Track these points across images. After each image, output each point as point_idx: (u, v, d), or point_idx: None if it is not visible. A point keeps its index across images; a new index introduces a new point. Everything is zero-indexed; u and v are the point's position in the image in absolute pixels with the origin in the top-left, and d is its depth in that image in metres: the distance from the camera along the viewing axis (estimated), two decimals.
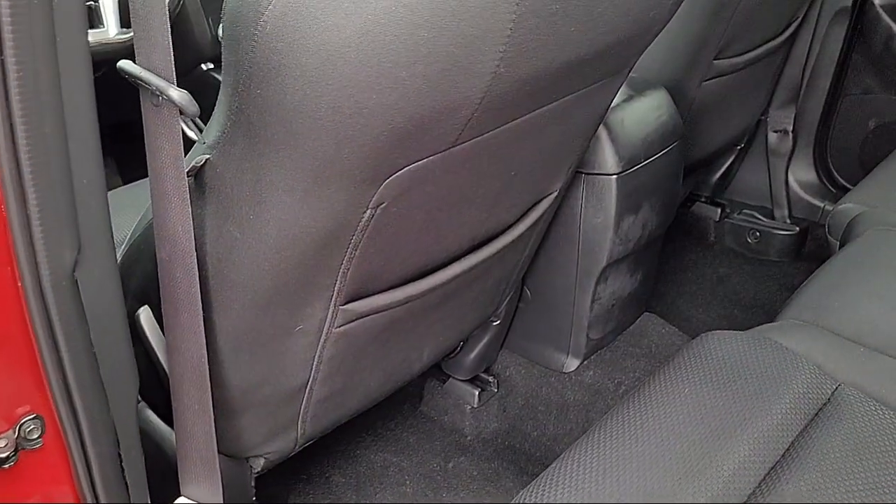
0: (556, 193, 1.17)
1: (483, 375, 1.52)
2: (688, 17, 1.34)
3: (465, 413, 1.50)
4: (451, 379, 1.51)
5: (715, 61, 1.50)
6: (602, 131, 1.28)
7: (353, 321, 0.90)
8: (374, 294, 0.91)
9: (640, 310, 1.58)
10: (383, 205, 0.77)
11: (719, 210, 2.10)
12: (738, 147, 2.02)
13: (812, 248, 2.05)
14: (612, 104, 1.19)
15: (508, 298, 1.36)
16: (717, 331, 1.07)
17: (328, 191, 0.71)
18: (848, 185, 2.02)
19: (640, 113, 1.34)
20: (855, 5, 1.82)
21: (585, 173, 1.30)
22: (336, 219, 0.75)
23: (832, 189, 2.03)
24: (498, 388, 1.53)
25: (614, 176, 1.29)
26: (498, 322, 1.40)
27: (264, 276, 0.78)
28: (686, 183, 1.87)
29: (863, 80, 1.92)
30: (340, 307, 0.87)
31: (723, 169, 2.05)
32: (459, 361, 1.46)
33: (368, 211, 0.77)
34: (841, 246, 1.39)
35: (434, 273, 0.99)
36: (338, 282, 0.83)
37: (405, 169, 0.75)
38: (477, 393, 1.48)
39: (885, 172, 1.48)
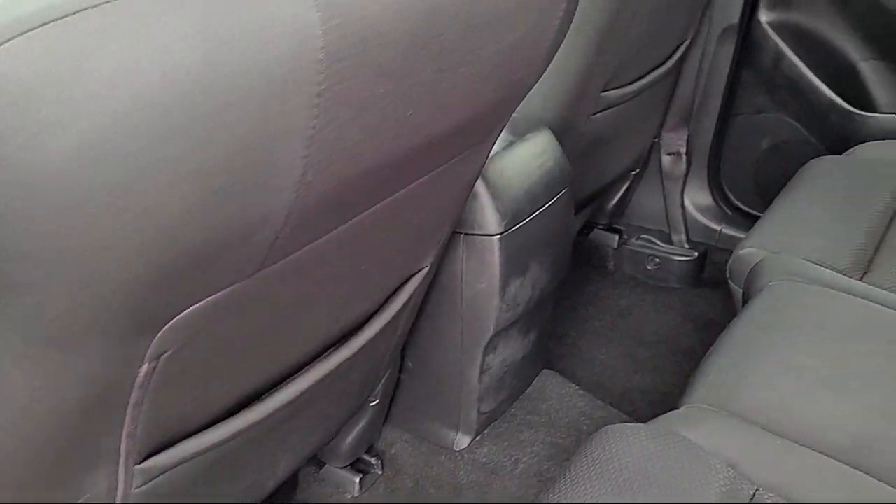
0: (427, 268, 1.00)
1: (365, 457, 1.34)
2: (571, 51, 1.20)
3: (347, 502, 1.32)
4: (327, 466, 1.32)
5: (603, 94, 1.37)
6: (480, 187, 1.12)
7: (158, 476, 0.70)
8: (183, 440, 0.71)
9: (537, 370, 1.44)
10: (167, 354, 0.58)
11: (617, 237, 2.00)
12: (634, 172, 1.91)
13: (710, 272, 1.97)
14: (491, 152, 1.03)
15: (386, 377, 1.19)
16: (619, 425, 0.94)
17: (73, 354, 0.52)
18: (742, 207, 1.95)
19: (523, 161, 1.19)
20: (742, 23, 1.74)
21: (465, 234, 1.14)
22: (98, 382, 0.55)
23: (727, 211, 1.96)
24: (383, 469, 1.35)
25: (496, 236, 1.13)
26: (377, 402, 1.23)
27: (14, 461, 0.57)
28: (582, 213, 1.75)
29: (754, 100, 1.85)
30: (136, 467, 0.67)
31: (619, 195, 1.94)
32: (334, 448, 1.27)
33: (146, 365, 0.58)
34: (744, 293, 1.28)
35: (272, 394, 0.80)
36: (124, 444, 0.63)
37: (191, 309, 0.56)
38: (358, 480, 1.30)
39: (781, 210, 1.39)
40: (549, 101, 1.27)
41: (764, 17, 1.75)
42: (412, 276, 0.98)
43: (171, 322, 0.55)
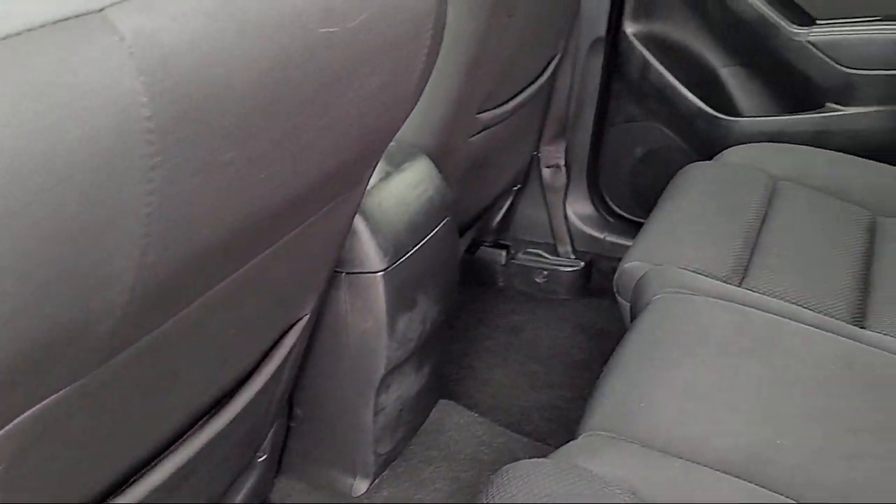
0: (308, 315, 0.94)
1: None
2: (442, 77, 1.16)
3: None
4: None
5: (479, 115, 1.35)
6: (359, 223, 1.07)
7: None
8: None
9: (433, 402, 1.40)
10: (2, 466, 0.50)
11: (504, 252, 1.99)
12: (516, 187, 1.91)
13: (597, 281, 2.00)
14: (368, 186, 0.98)
15: (274, 429, 1.12)
16: (520, 463, 0.90)
17: None
18: (623, 214, 1.99)
19: (401, 192, 1.15)
20: (609, 36, 1.77)
21: (346, 273, 1.09)
22: None
23: (609, 219, 1.99)
24: None
25: (380, 273, 1.08)
26: (265, 457, 1.15)
27: None
28: (468, 233, 1.73)
29: (625, 109, 1.88)
30: None
31: (503, 211, 1.94)
32: None
33: None
34: (632, 307, 1.29)
35: (144, 475, 0.72)
36: None
37: (25, 415, 0.49)
38: None
39: (661, 221, 1.40)
40: (424, 128, 1.23)
41: (629, 28, 1.79)
42: (292, 325, 0.92)
43: (2, 430, 0.47)
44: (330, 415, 1.20)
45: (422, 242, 1.15)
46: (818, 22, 1.67)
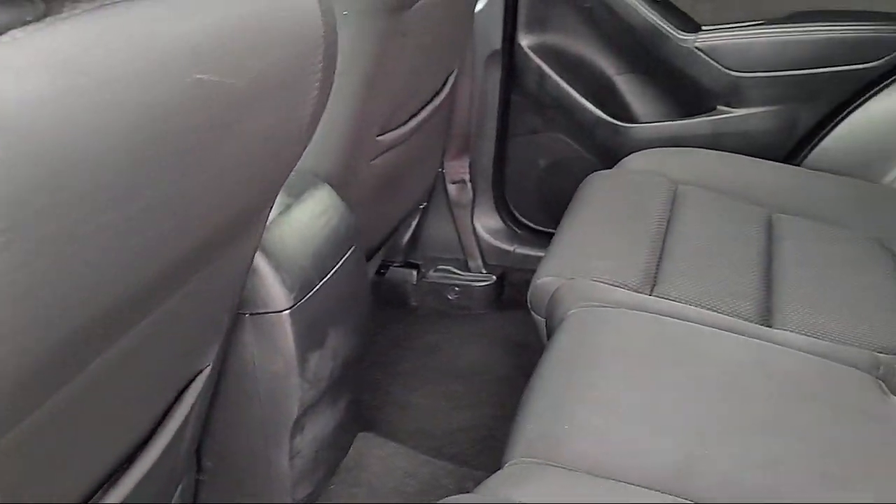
0: (211, 365, 0.88)
1: None
2: (339, 102, 1.11)
3: None
4: None
5: (380, 137, 1.31)
6: (260, 261, 1.01)
7: None
8: None
9: (353, 436, 1.34)
10: None
11: (415, 272, 1.96)
12: (422, 206, 1.88)
13: (510, 293, 1.99)
14: (267, 220, 0.93)
15: (181, 487, 1.04)
16: (448, 500, 0.87)
17: None
18: (531, 225, 1.99)
19: (304, 224, 1.09)
20: (504, 48, 1.76)
21: (250, 314, 1.03)
22: None
23: (517, 231, 1.99)
24: None
25: (286, 311, 1.03)
26: None
27: None
28: (376, 256, 1.69)
29: (526, 121, 1.88)
30: None
31: (411, 230, 1.90)
32: None
33: None
34: (547, 323, 1.27)
35: None
36: None
37: None
38: None
39: (569, 233, 1.40)
40: (323, 156, 1.18)
41: (524, 41, 1.79)
42: (194, 378, 0.86)
43: None
44: (242, 465, 1.13)
45: (329, 275, 1.10)
46: (703, 28, 1.72)
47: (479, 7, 1.67)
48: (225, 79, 0.44)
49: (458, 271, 1.98)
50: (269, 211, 0.77)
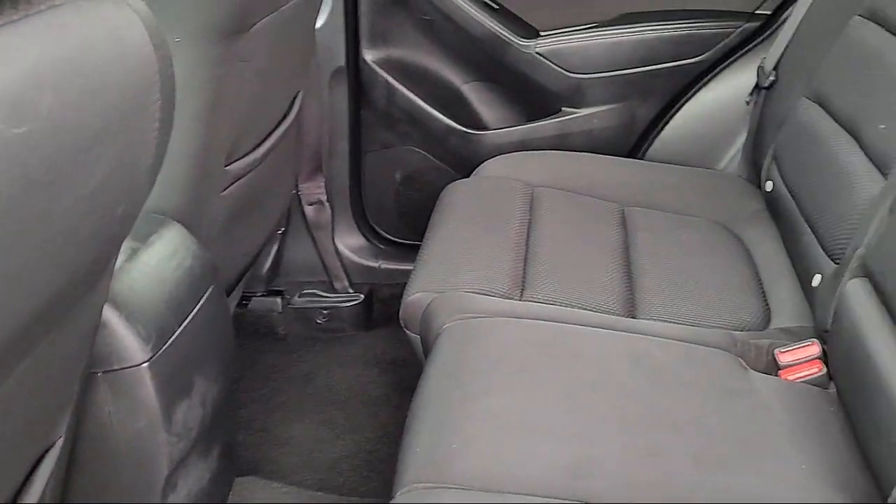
0: (63, 436, 0.79)
1: None
2: (182, 135, 1.03)
3: None
4: None
5: (228, 167, 1.24)
6: (110, 314, 0.92)
7: None
8: None
9: (230, 483, 1.27)
10: None
11: (279, 299, 1.89)
12: (280, 231, 1.81)
13: (379, 310, 1.96)
14: (116, 266, 0.85)
15: None
16: None
17: None
18: (394, 239, 1.97)
19: (155, 268, 1.02)
20: (349, 64, 1.74)
21: (103, 372, 0.94)
22: None
23: (381, 246, 1.97)
24: None
25: (144, 364, 0.95)
26: None
27: None
28: (237, 289, 1.61)
29: (378, 136, 1.87)
30: None
31: (271, 257, 1.83)
32: None
33: None
34: (422, 339, 1.26)
35: None
36: None
37: None
38: None
39: (435, 246, 1.39)
40: (169, 193, 1.11)
41: (368, 55, 1.77)
42: (45, 453, 0.77)
43: None
44: None
45: (188, 319, 1.03)
46: (542, 33, 1.77)
47: (319, 24, 1.63)
48: (49, 130, 0.38)
49: (325, 294, 1.93)
50: (115, 261, 0.70)
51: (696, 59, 1.73)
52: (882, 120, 1.17)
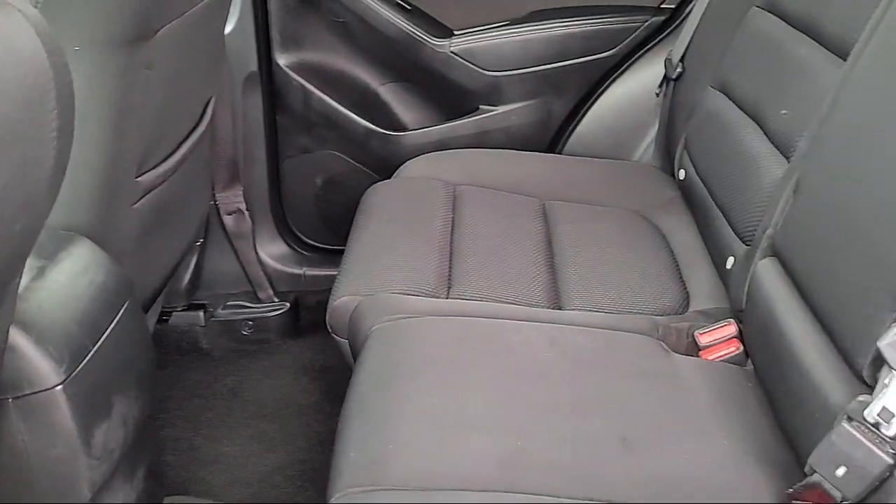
0: None
1: None
2: (87, 147, 1.00)
3: None
4: None
5: (139, 179, 1.20)
6: (17, 337, 0.88)
7: None
8: None
9: (159, 502, 1.22)
10: None
11: (202, 312, 1.84)
12: (199, 242, 1.76)
13: (306, 317, 1.93)
14: (19, 289, 0.81)
15: None
16: None
17: None
18: (317, 245, 1.95)
19: (64, 286, 0.97)
20: (262, 69, 1.70)
21: (13, 398, 0.89)
22: None
23: (305, 252, 1.94)
24: None
25: (58, 387, 0.91)
26: None
27: None
28: (155, 305, 1.56)
29: (296, 141, 1.84)
30: None
31: (190, 269, 1.78)
32: None
33: None
34: (350, 343, 1.25)
35: None
36: None
37: None
38: None
39: (359, 249, 1.38)
40: (76, 208, 1.06)
41: (281, 60, 1.74)
42: None
43: None
44: None
45: (103, 337, 0.99)
46: (456, 33, 1.78)
47: (228, 29, 1.59)
48: None
49: (249, 304, 1.89)
50: (19, 281, 0.67)
51: (607, 53, 1.77)
52: (783, 106, 1.22)
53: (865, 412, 0.76)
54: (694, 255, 1.39)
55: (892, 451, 0.74)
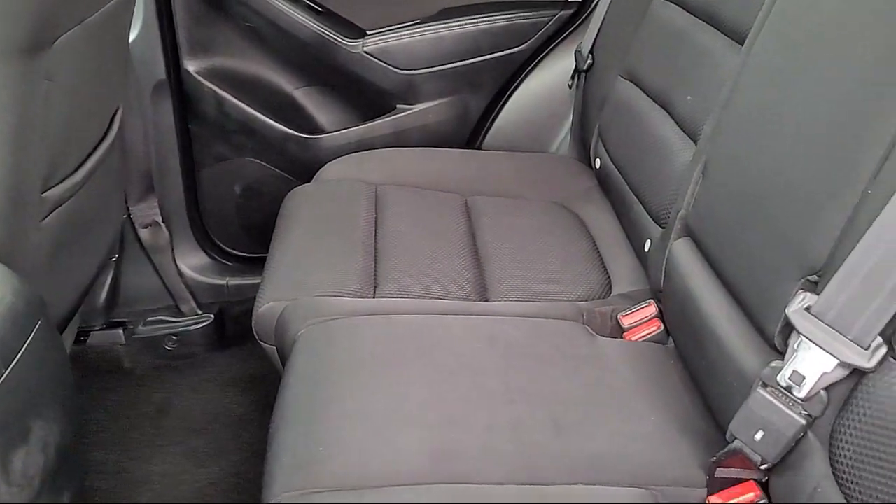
0: None
1: None
2: None
3: None
4: None
5: (45, 194, 1.15)
6: None
7: None
8: None
9: None
10: None
11: (122, 330, 1.78)
12: (114, 258, 1.71)
13: (232, 328, 1.89)
14: None
15: None
16: None
17: None
18: (239, 254, 1.92)
19: None
20: (171, 77, 1.66)
21: None
22: None
23: (227, 262, 1.90)
24: None
25: None
26: None
27: None
28: (71, 325, 1.50)
29: (212, 149, 1.80)
30: None
31: (106, 286, 1.72)
32: None
33: None
34: (278, 350, 1.23)
35: None
36: None
37: None
38: None
39: (281, 254, 1.36)
40: None
41: (191, 66, 1.70)
42: None
43: None
44: None
45: (15, 360, 0.94)
46: (369, 33, 1.77)
47: (132, 37, 1.55)
48: None
49: (172, 318, 1.84)
50: None
51: (518, 48, 1.80)
52: (688, 92, 1.26)
53: (778, 377, 0.79)
54: (614, 241, 1.42)
55: (804, 412, 0.77)
